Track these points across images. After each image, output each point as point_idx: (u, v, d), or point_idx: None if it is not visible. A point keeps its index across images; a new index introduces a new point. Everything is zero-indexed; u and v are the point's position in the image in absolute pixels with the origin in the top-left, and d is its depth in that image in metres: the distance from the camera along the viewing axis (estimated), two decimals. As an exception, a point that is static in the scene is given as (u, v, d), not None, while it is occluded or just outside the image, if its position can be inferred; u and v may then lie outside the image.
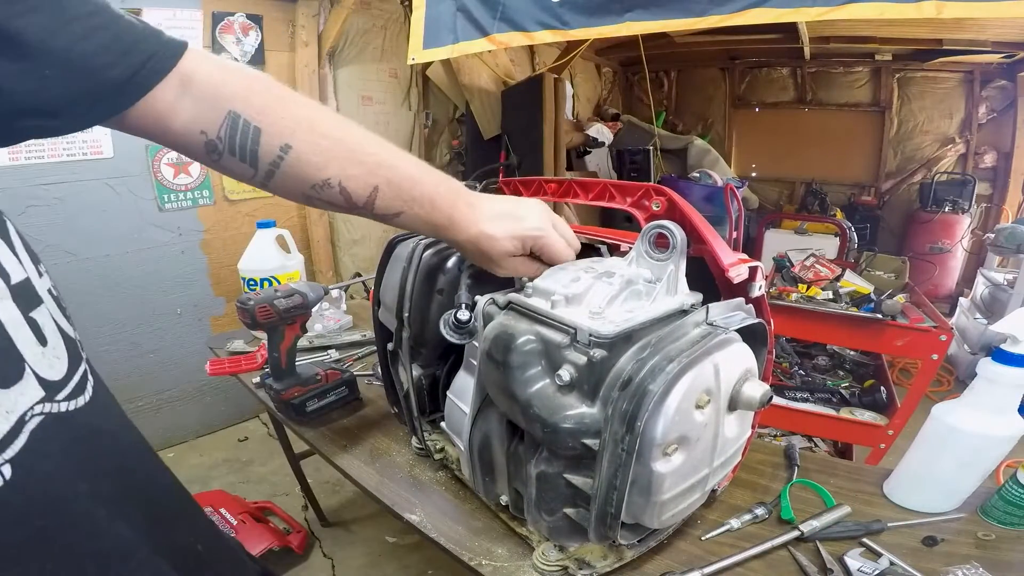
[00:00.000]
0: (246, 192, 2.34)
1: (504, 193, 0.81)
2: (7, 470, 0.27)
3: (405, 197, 0.55)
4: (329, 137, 0.51)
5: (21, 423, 0.29)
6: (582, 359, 0.51)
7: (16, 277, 0.31)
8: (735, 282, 0.58)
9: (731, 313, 0.58)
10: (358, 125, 0.54)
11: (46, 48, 0.34)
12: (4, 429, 0.28)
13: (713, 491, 0.70)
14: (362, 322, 1.54)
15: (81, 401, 0.34)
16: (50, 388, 0.32)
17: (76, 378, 0.35)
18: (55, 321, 0.34)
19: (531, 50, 3.55)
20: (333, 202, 0.53)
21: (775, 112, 4.72)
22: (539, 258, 0.63)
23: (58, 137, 1.76)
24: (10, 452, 0.28)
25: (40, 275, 0.35)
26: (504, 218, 0.60)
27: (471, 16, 1.74)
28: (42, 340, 0.32)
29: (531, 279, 0.61)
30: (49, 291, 0.36)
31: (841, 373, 2.16)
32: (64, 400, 0.33)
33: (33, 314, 0.32)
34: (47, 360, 0.32)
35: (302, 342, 1.24)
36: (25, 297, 0.32)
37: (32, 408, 0.30)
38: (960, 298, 3.39)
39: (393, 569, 1.66)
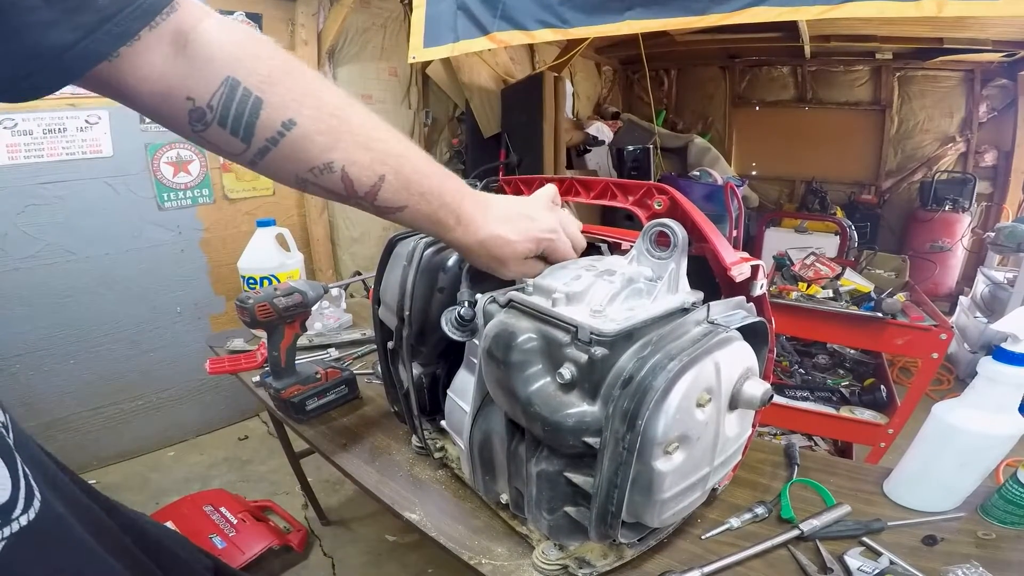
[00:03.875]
0: (246, 191, 2.34)
1: (505, 192, 0.81)
2: None
3: (413, 191, 0.51)
4: (338, 116, 0.46)
5: None
6: (583, 357, 0.51)
7: None
8: (737, 281, 0.58)
9: (732, 311, 0.57)
10: (365, 106, 0.49)
11: None
12: None
13: (713, 490, 0.70)
14: (362, 320, 1.54)
15: (32, 512, 0.35)
16: (4, 511, 0.32)
17: (23, 490, 0.35)
18: None
19: (531, 48, 3.54)
20: (331, 188, 0.48)
21: (775, 111, 4.72)
22: (543, 258, 0.63)
23: (48, 133, 1.77)
24: None
25: None
26: (518, 219, 0.58)
27: (471, 15, 1.73)
28: None
29: (531, 278, 0.61)
30: None
31: (841, 372, 2.16)
32: (20, 515, 0.33)
33: None
34: None
35: (302, 341, 1.24)
36: None
37: None
38: (960, 297, 3.38)
39: (393, 568, 1.66)
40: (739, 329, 0.55)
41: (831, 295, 1.91)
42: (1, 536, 0.32)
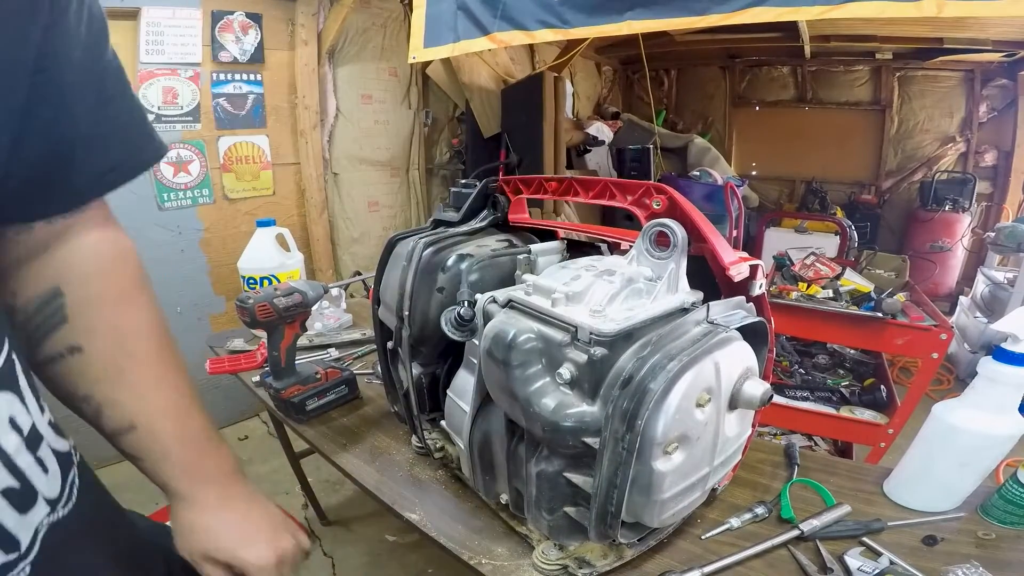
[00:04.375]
0: (246, 191, 2.34)
1: (505, 191, 0.81)
2: (28, 569, 0.35)
3: (155, 449, 0.51)
4: (133, 357, 0.49)
5: (36, 535, 0.37)
6: (582, 357, 0.51)
7: (26, 427, 0.37)
8: (736, 280, 0.58)
9: (731, 311, 0.57)
10: (175, 353, 0.53)
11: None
12: (26, 541, 0.36)
13: (713, 490, 0.70)
14: (362, 320, 1.54)
15: (70, 505, 0.41)
16: (52, 504, 0.39)
17: (68, 487, 0.41)
18: (51, 448, 0.40)
19: (531, 48, 3.54)
20: (81, 416, 0.50)
21: (775, 111, 4.71)
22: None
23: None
24: (30, 557, 0.36)
25: (42, 410, 0.40)
26: (236, 527, 0.54)
27: (472, 15, 1.73)
28: (45, 470, 0.38)
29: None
30: (49, 423, 0.40)
31: (841, 372, 2.16)
32: (61, 507, 0.40)
33: (39, 452, 0.38)
34: (49, 483, 0.39)
35: (302, 341, 1.24)
36: (33, 441, 0.37)
37: (42, 522, 0.37)
38: (960, 297, 3.38)
39: (393, 568, 1.66)
40: (739, 329, 0.55)
41: (831, 295, 1.91)
42: (47, 522, 0.38)
